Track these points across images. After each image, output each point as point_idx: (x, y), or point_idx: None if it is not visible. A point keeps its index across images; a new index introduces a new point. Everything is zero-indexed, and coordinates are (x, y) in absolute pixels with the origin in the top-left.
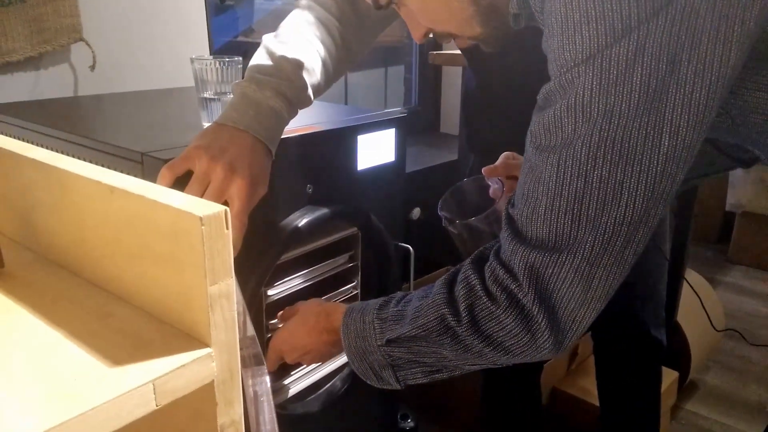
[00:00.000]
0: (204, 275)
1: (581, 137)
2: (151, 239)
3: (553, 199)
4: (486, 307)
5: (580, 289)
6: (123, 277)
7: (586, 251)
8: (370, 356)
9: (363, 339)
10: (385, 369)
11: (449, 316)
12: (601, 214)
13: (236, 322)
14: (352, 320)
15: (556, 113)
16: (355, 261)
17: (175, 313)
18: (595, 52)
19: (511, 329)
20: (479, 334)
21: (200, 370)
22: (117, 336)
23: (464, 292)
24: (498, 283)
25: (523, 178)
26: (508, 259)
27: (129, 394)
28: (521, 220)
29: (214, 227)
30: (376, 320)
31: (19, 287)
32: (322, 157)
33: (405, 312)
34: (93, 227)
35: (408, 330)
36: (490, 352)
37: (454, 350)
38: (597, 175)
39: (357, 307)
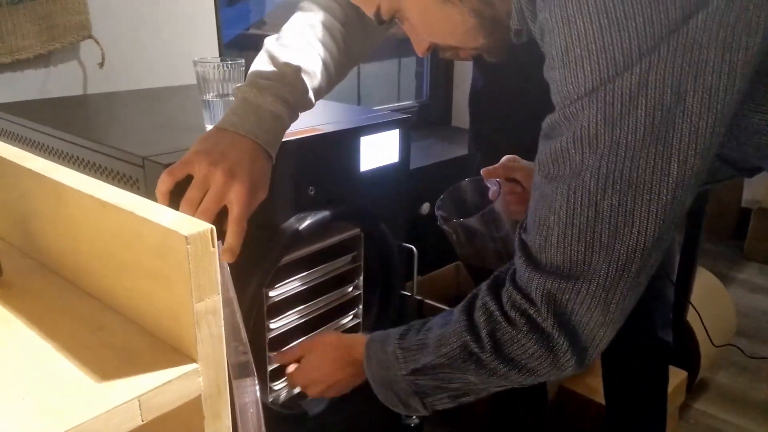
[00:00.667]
0: (190, 292)
1: (589, 168)
2: (140, 254)
3: (566, 228)
4: (507, 332)
5: (598, 313)
6: (115, 290)
7: (601, 278)
8: (395, 386)
9: (386, 369)
10: (412, 397)
11: (472, 344)
12: (614, 242)
13: (223, 338)
14: (374, 351)
15: (563, 144)
16: (358, 262)
17: (163, 327)
18: (597, 85)
19: (533, 352)
20: (503, 359)
21: (187, 385)
22: (107, 350)
23: (484, 318)
24: (516, 308)
25: (534, 205)
26: (525, 285)
27: (115, 410)
28: (535, 248)
29: (199, 246)
30: (399, 350)
31: (16, 296)
32: (324, 159)
33: (427, 340)
34: (87, 239)
35: (432, 359)
36: (515, 374)
37: (480, 375)
38: (607, 204)
39: (377, 338)
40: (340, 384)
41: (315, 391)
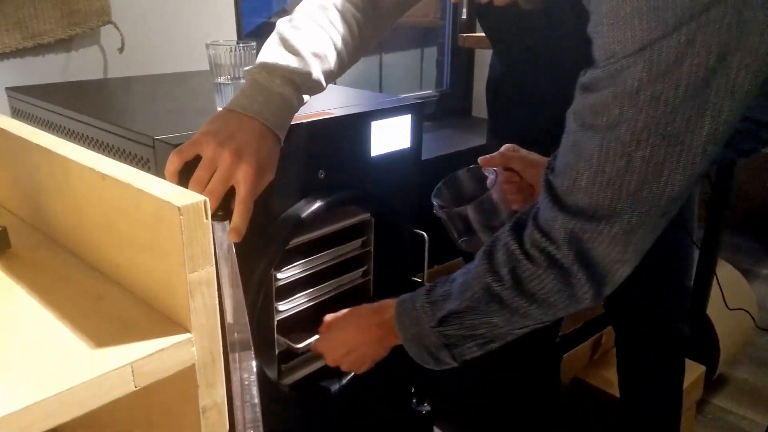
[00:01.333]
0: (184, 263)
1: (627, 121)
2: (137, 226)
3: (595, 175)
4: (527, 268)
5: (616, 252)
6: (116, 261)
7: (624, 222)
8: (425, 339)
9: (417, 324)
10: (441, 349)
11: (494, 283)
12: (641, 191)
13: (217, 309)
14: (404, 309)
15: (602, 98)
16: (368, 247)
17: (159, 298)
18: (645, 44)
19: (553, 286)
20: (524, 294)
21: (179, 354)
22: (105, 319)
23: (504, 257)
24: (536, 247)
25: (565, 150)
26: (548, 225)
27: (108, 375)
28: (562, 190)
29: (192, 217)
30: (426, 304)
31: (22, 267)
32: (334, 144)
33: (451, 290)
34: (90, 212)
35: (457, 305)
36: (535, 309)
37: (503, 316)
38: (639, 155)
39: (407, 297)
40: (362, 349)
41: (333, 357)
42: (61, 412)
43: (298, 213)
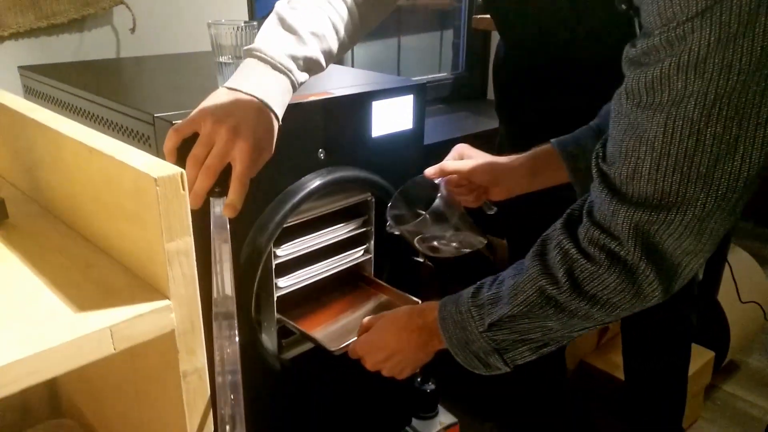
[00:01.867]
0: (161, 233)
1: (694, 94)
2: (121, 197)
3: (660, 159)
4: (586, 268)
5: (688, 242)
6: (104, 232)
7: (698, 209)
8: (473, 345)
9: (463, 329)
10: (491, 354)
11: (548, 286)
12: (714, 171)
13: (196, 279)
14: (448, 313)
15: (663, 71)
16: (369, 226)
17: (142, 266)
18: (711, 3)
19: (615, 286)
20: (583, 297)
21: (158, 320)
22: (92, 286)
23: (559, 258)
24: (595, 244)
25: (620, 135)
26: (608, 219)
27: (87, 336)
28: (621, 179)
29: (169, 188)
30: (473, 308)
31: (18, 237)
32: (335, 123)
33: (500, 293)
34: (80, 184)
35: (508, 310)
36: (597, 311)
37: (560, 319)
38: (710, 132)
39: (450, 300)
40: (403, 354)
41: (373, 361)
42: (42, 370)
43: (297, 190)
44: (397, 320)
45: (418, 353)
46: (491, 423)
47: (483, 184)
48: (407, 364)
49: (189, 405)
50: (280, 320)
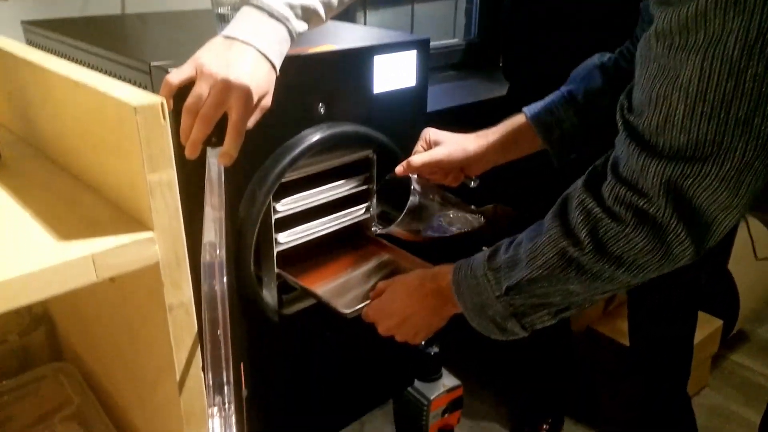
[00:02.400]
0: (143, 163)
1: (734, 32)
2: (105, 129)
3: (694, 105)
4: (610, 228)
5: (724, 196)
6: (91, 168)
7: (736, 159)
8: (490, 310)
9: (478, 294)
10: (509, 319)
11: (570, 248)
12: (755, 116)
13: (180, 212)
14: (463, 277)
15: (699, 8)
16: (370, 184)
17: (126, 199)
18: None
19: (643, 246)
20: (607, 258)
21: (141, 250)
22: (77, 219)
23: (582, 218)
24: (621, 202)
25: (649, 82)
26: (635, 175)
27: (69, 263)
28: (650, 130)
29: (149, 117)
30: (489, 271)
31: (8, 176)
32: (336, 77)
33: (518, 256)
34: (70, 121)
35: (527, 273)
36: (622, 273)
37: (582, 282)
38: (751, 74)
39: (464, 264)
40: (415, 319)
41: (386, 326)
42: (25, 294)
43: (296, 144)
44: (409, 284)
45: (432, 318)
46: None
47: (456, 167)
48: (421, 329)
49: (176, 339)
50: (280, 276)
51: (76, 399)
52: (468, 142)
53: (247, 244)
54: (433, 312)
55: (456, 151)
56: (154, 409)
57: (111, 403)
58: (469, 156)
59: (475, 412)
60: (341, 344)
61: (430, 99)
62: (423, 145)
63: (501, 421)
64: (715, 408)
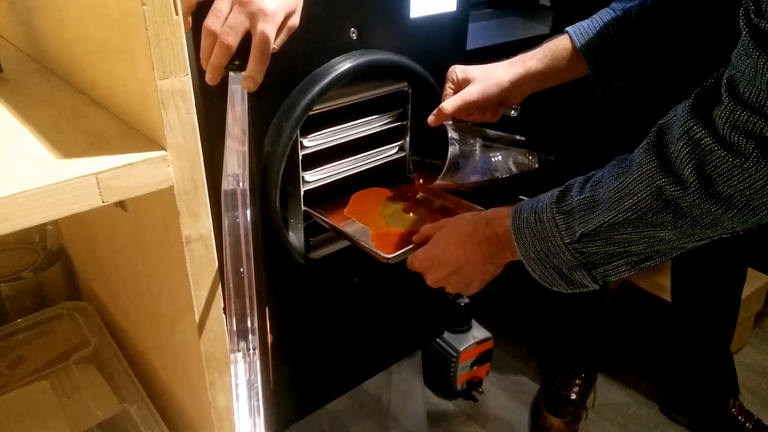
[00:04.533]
0: (152, 66)
1: None
2: (109, 28)
3: None
4: (724, 162)
5: None
6: (98, 79)
7: None
8: (555, 258)
9: (543, 240)
10: (577, 269)
11: (669, 186)
12: None
13: (197, 128)
14: (524, 221)
15: None
16: (404, 120)
17: (135, 113)
18: None
19: (764, 184)
20: (716, 198)
21: (153, 171)
22: (80, 135)
23: (687, 150)
24: (741, 130)
25: None
26: (763, 96)
27: (70, 182)
28: None
29: (158, 9)
30: (558, 215)
31: (9, 90)
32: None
33: (597, 197)
34: (71, 26)
35: (610, 217)
36: (730, 218)
37: (678, 228)
38: None
39: (526, 206)
40: (469, 268)
41: (435, 277)
42: (19, 215)
43: (325, 73)
44: (461, 230)
45: (487, 266)
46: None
47: (493, 102)
48: (474, 278)
49: (194, 276)
50: (308, 216)
51: (93, 340)
52: (501, 73)
53: (273, 181)
54: (488, 259)
55: (490, 87)
56: (173, 352)
57: (129, 344)
58: (505, 89)
59: (504, 365)
60: (370, 291)
61: (468, 38)
62: (451, 86)
63: (531, 375)
64: (755, 366)
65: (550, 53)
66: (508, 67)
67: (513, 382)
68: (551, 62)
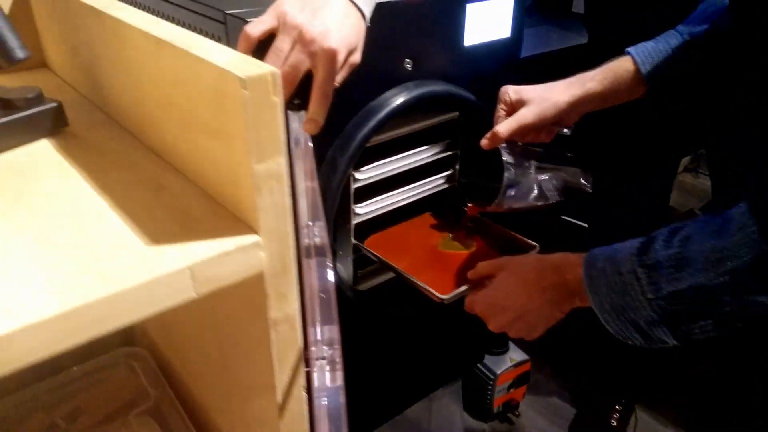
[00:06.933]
0: (249, 150)
1: None
2: (198, 103)
3: None
4: None
5: None
6: (177, 146)
7: None
8: (633, 312)
9: (622, 294)
10: (657, 326)
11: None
12: None
13: (289, 210)
14: (600, 272)
15: None
16: (454, 150)
17: (224, 191)
18: None
19: None
20: None
21: (246, 259)
22: (165, 212)
23: None
24: None
25: None
26: None
27: (164, 278)
28: None
29: (258, 92)
30: (641, 268)
31: (79, 147)
32: (425, 28)
33: (688, 255)
34: (148, 86)
35: (703, 279)
36: None
37: None
38: None
39: (600, 255)
40: (533, 314)
41: (498, 323)
42: (110, 318)
43: (381, 106)
44: (525, 275)
45: (553, 312)
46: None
47: (548, 124)
48: (538, 324)
49: (279, 356)
50: (357, 249)
51: (152, 392)
52: (558, 94)
53: (327, 216)
54: (555, 306)
55: (547, 109)
56: (246, 424)
57: (189, 398)
58: (563, 110)
59: (541, 387)
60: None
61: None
62: (503, 107)
63: (568, 398)
64: None
65: (611, 75)
66: (566, 89)
67: (549, 404)
68: (612, 84)
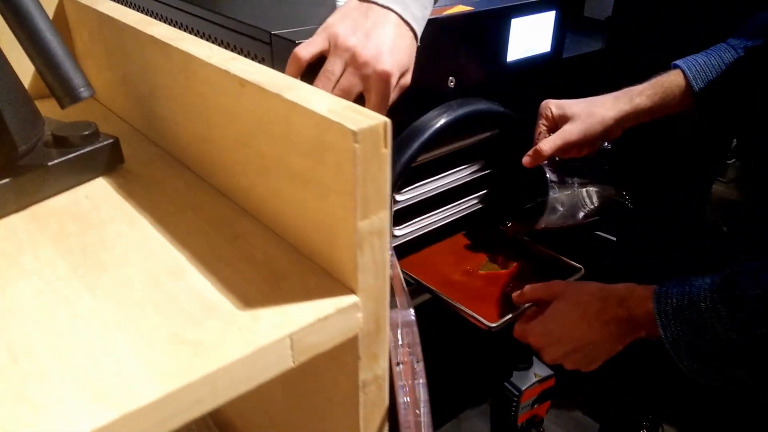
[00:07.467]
0: (354, 206)
1: None
2: (287, 151)
3: None
4: None
5: None
6: (254, 191)
7: None
8: (711, 351)
9: (700, 331)
10: (736, 365)
11: None
12: None
13: (388, 264)
14: (676, 308)
15: None
16: (494, 167)
17: (314, 246)
18: None
19: None
20: None
21: (344, 322)
22: (248, 266)
23: None
24: None
25: None
26: None
27: (264, 348)
28: None
29: (370, 145)
30: (721, 305)
31: (140, 188)
32: (469, 45)
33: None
34: (220, 126)
35: None
36: None
37: None
38: None
39: (674, 290)
40: (593, 347)
41: (555, 354)
42: (210, 398)
43: (425, 127)
44: (585, 307)
45: (615, 345)
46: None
47: (593, 140)
48: (598, 357)
49: (366, 419)
50: None
51: None
52: (605, 110)
53: None
54: (617, 340)
55: (593, 126)
56: None
57: None
58: (609, 126)
59: (564, 402)
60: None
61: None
62: (545, 123)
63: (592, 414)
64: None
65: (660, 90)
66: (613, 104)
67: (572, 419)
68: (661, 99)
